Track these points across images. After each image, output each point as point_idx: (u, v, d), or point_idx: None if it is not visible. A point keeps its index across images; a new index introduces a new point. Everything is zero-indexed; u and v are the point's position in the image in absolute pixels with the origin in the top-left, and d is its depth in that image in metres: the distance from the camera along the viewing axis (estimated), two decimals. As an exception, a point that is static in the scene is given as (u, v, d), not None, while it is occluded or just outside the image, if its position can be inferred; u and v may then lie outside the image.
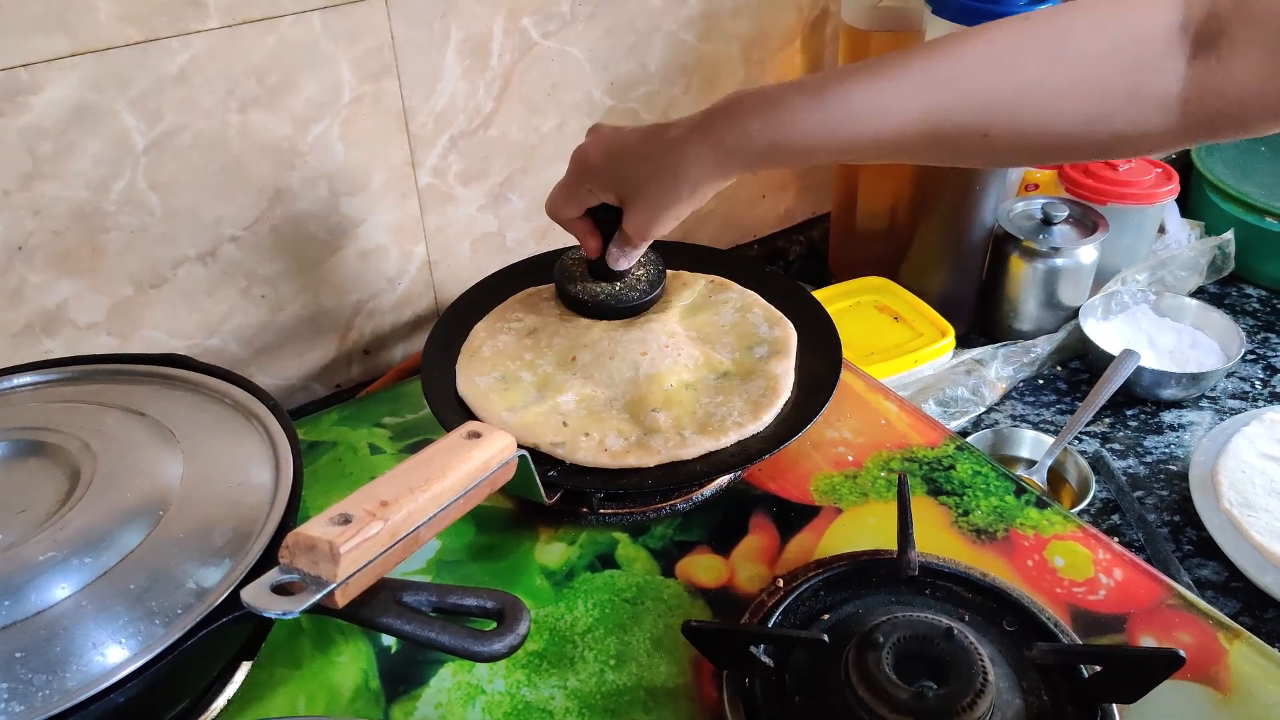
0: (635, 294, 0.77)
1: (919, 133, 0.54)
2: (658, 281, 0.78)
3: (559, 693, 0.59)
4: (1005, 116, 0.53)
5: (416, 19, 0.82)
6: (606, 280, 0.77)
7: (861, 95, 0.55)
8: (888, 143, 0.56)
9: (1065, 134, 0.53)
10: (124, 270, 0.78)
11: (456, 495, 0.50)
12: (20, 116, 0.69)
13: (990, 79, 0.53)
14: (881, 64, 0.56)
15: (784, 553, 0.67)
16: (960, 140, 0.54)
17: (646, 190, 0.65)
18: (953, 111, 0.53)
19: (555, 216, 0.72)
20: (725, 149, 0.60)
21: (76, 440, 0.57)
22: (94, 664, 0.47)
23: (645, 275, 0.78)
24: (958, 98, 0.53)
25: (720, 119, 0.60)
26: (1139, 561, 0.65)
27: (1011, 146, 0.54)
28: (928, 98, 0.54)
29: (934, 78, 0.54)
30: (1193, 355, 1.02)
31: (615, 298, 0.76)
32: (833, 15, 1.09)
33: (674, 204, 0.64)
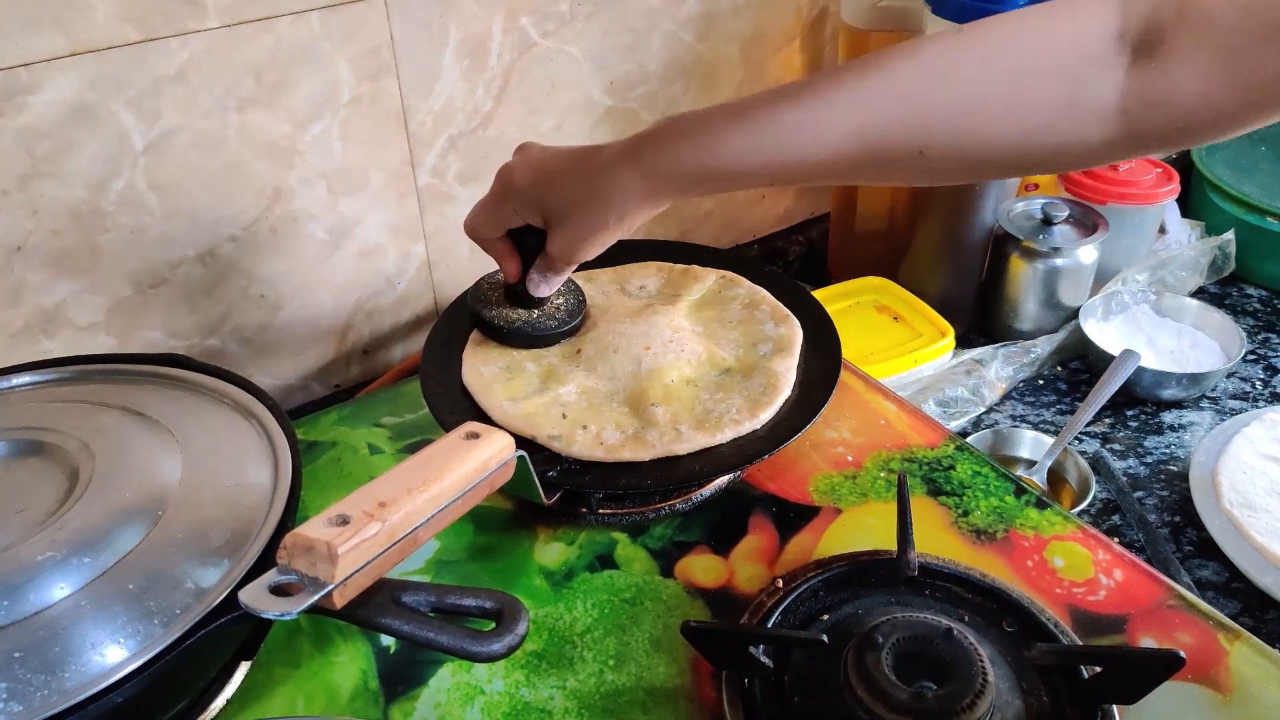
0: (554, 322, 0.76)
1: (853, 153, 0.53)
2: (577, 311, 0.77)
3: (558, 693, 0.59)
4: (941, 133, 0.51)
5: (415, 18, 0.82)
6: (524, 306, 0.75)
7: (791, 116, 0.54)
8: (821, 164, 0.54)
9: (1003, 148, 0.51)
10: (123, 270, 0.78)
11: (455, 496, 0.50)
12: (18, 116, 0.69)
13: (924, 95, 0.51)
14: (812, 83, 0.54)
15: (783, 553, 0.67)
16: (896, 159, 0.53)
17: (572, 214, 0.63)
18: (887, 130, 0.52)
19: (474, 236, 0.70)
20: (654, 175, 0.59)
21: (75, 440, 0.57)
22: (93, 664, 0.47)
23: (564, 304, 0.77)
24: (891, 116, 0.52)
25: (649, 145, 0.59)
26: (1139, 562, 0.65)
27: (949, 163, 0.53)
28: (859, 116, 0.52)
29: (866, 96, 0.52)
30: (1193, 355, 1.02)
31: (532, 325, 0.75)
32: (832, 15, 1.09)
33: (600, 230, 0.63)
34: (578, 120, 0.96)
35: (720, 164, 0.56)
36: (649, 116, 1.01)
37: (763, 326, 0.78)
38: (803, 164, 0.55)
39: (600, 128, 0.98)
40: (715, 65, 1.03)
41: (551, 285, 0.72)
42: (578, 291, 0.79)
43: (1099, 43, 0.49)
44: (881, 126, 0.52)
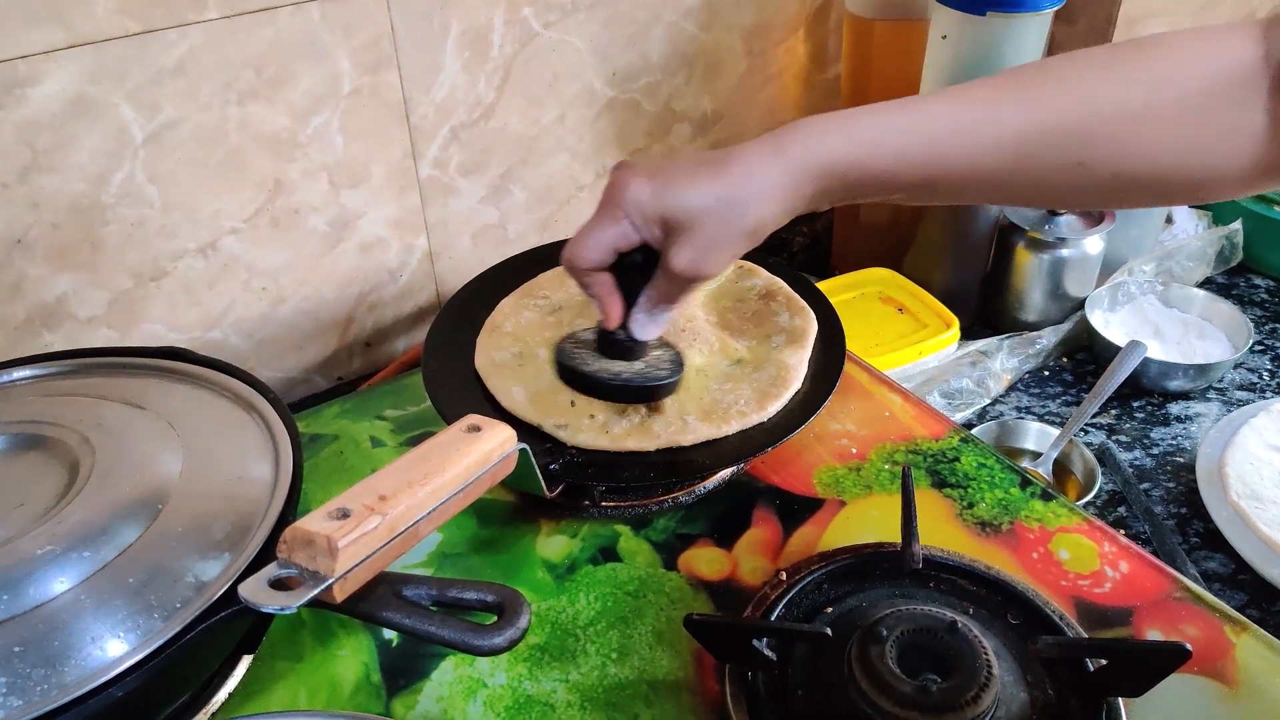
0: (664, 370, 0.66)
1: (1011, 162, 0.51)
2: (680, 360, 0.68)
3: (561, 686, 0.58)
4: (1104, 144, 0.50)
5: (416, 10, 0.81)
6: (621, 359, 0.65)
7: (951, 118, 0.52)
8: (976, 172, 0.52)
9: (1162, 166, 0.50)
10: (124, 263, 0.77)
11: (456, 489, 0.50)
12: (18, 109, 0.68)
13: (1088, 103, 0.50)
14: (973, 89, 0.53)
15: (787, 545, 0.67)
16: (1052, 170, 0.52)
17: (703, 220, 0.55)
18: (1047, 136, 0.51)
19: (574, 264, 0.60)
20: (801, 170, 0.54)
21: (76, 434, 0.57)
22: (93, 658, 0.47)
23: (666, 355, 0.68)
24: (1055, 123, 0.51)
25: (795, 138, 0.54)
26: (1145, 554, 0.65)
27: (1106, 177, 0.51)
28: (1022, 121, 0.51)
29: (1029, 102, 0.51)
30: (1200, 346, 1.01)
31: (644, 376, 0.65)
32: (836, 4, 1.08)
33: (736, 234, 0.56)
34: (580, 111, 0.96)
35: (873, 162, 0.53)
36: (651, 108, 1.00)
37: (777, 318, 0.77)
38: (958, 171, 0.53)
39: (603, 119, 0.98)
40: (718, 55, 1.02)
41: (659, 325, 0.62)
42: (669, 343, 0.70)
43: (1251, 66, 0.48)
44: (1044, 134, 0.51)
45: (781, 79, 1.09)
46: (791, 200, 0.55)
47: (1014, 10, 0.88)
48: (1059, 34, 1.17)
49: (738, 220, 0.55)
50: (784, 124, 0.56)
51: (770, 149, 0.55)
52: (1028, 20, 0.89)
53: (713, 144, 1.07)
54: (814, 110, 1.13)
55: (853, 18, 1.03)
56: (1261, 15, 0.50)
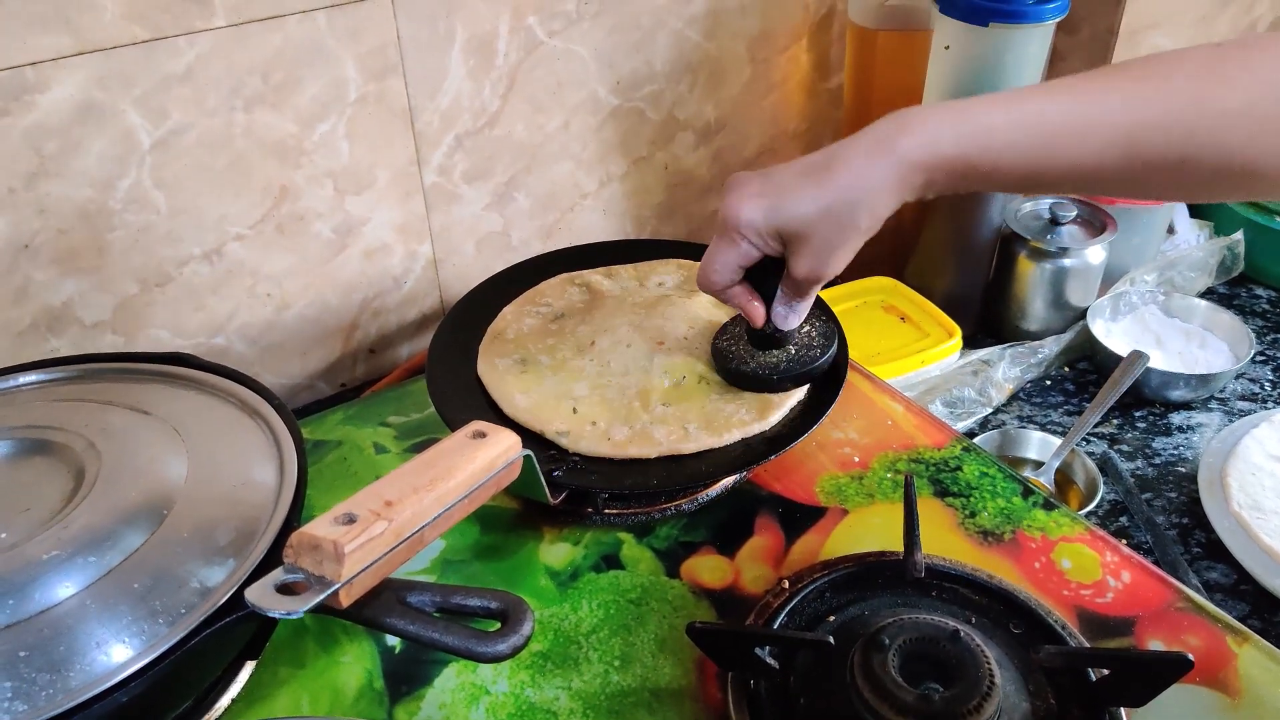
0: (816, 350, 0.71)
1: (1117, 158, 0.52)
2: (831, 333, 0.72)
3: (563, 694, 0.58)
4: (1208, 142, 0.51)
5: (422, 17, 0.82)
6: (772, 347, 0.71)
7: (1060, 113, 0.53)
8: (1081, 167, 0.53)
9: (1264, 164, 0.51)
10: (129, 269, 0.78)
11: (461, 495, 0.50)
12: (26, 115, 0.69)
13: (1194, 101, 0.51)
14: (1078, 84, 0.54)
15: (789, 554, 0.67)
16: (1157, 168, 0.52)
17: (818, 227, 0.58)
18: (1153, 134, 0.51)
19: (710, 287, 0.65)
20: (908, 164, 0.55)
21: (81, 439, 0.57)
22: (98, 663, 0.47)
23: (815, 329, 0.72)
24: (1160, 120, 0.51)
25: (899, 134, 0.55)
26: (1147, 564, 0.65)
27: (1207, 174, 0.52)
28: (1130, 119, 0.51)
29: (1134, 98, 0.51)
30: (1202, 356, 1.01)
31: (799, 361, 0.70)
32: (839, 13, 1.09)
33: (851, 235, 0.58)
34: (584, 119, 0.96)
35: (983, 157, 0.54)
36: (655, 116, 1.01)
37: None
38: (1063, 165, 0.53)
39: (607, 127, 0.98)
40: (722, 63, 1.03)
41: (799, 314, 0.67)
42: (818, 312, 0.74)
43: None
44: (1151, 130, 0.51)
45: (785, 87, 1.09)
46: (900, 193, 0.56)
47: (1016, 21, 0.88)
48: (1061, 44, 1.18)
49: (850, 223, 0.57)
50: (788, 133, 0.56)
51: (878, 147, 0.56)
52: (1030, 31, 0.89)
53: (716, 152, 1.08)
54: (817, 119, 1.13)
55: (856, 27, 1.04)
56: (1262, 28, 0.51)
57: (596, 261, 0.86)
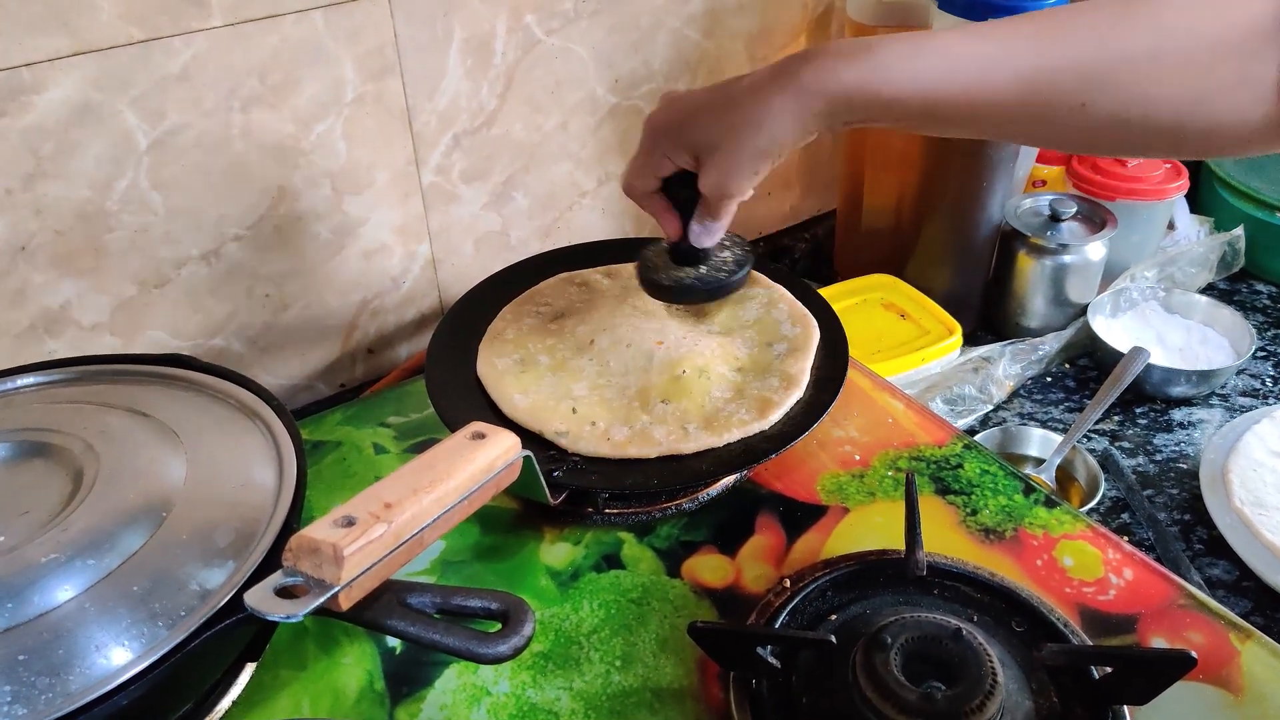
0: (723, 274, 0.72)
1: (1016, 95, 0.52)
2: (745, 261, 0.73)
3: (564, 694, 0.58)
4: (1107, 87, 0.51)
5: (419, 17, 0.82)
6: (690, 264, 0.72)
7: (963, 49, 0.53)
8: (982, 103, 0.53)
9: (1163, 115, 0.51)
10: (127, 270, 0.77)
11: (461, 497, 0.50)
12: (23, 116, 0.68)
13: (1098, 46, 0.51)
14: (982, 26, 0.54)
15: (791, 553, 0.67)
16: (1056, 109, 0.53)
17: (722, 144, 0.60)
18: (1055, 75, 0.52)
19: (630, 192, 0.68)
20: (809, 93, 0.56)
21: (80, 441, 0.57)
22: (97, 666, 0.46)
23: (731, 256, 0.73)
24: (1062, 62, 0.52)
25: (802, 64, 0.56)
26: (1149, 561, 0.65)
27: (1106, 121, 0.52)
28: (1031, 58, 0.52)
29: (1039, 40, 0.52)
30: (1202, 352, 1.01)
31: (702, 280, 0.71)
32: (837, 10, 1.08)
33: (751, 157, 0.60)
34: (582, 118, 0.96)
35: (882, 86, 0.54)
36: (654, 114, 1.00)
37: (779, 326, 0.77)
38: (964, 99, 0.54)
39: (605, 126, 0.98)
40: (720, 62, 1.03)
41: (713, 233, 0.68)
42: (743, 243, 0.75)
43: (1268, 22, 0.49)
44: (1050, 71, 0.52)
45: (783, 85, 1.09)
46: (802, 120, 0.57)
47: (1016, 17, 0.88)
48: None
49: (750, 142, 0.59)
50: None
51: (781, 74, 0.57)
52: (1030, 27, 0.89)
53: (715, 150, 1.07)
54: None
55: (854, 24, 1.03)
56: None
57: (595, 261, 0.86)
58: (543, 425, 0.69)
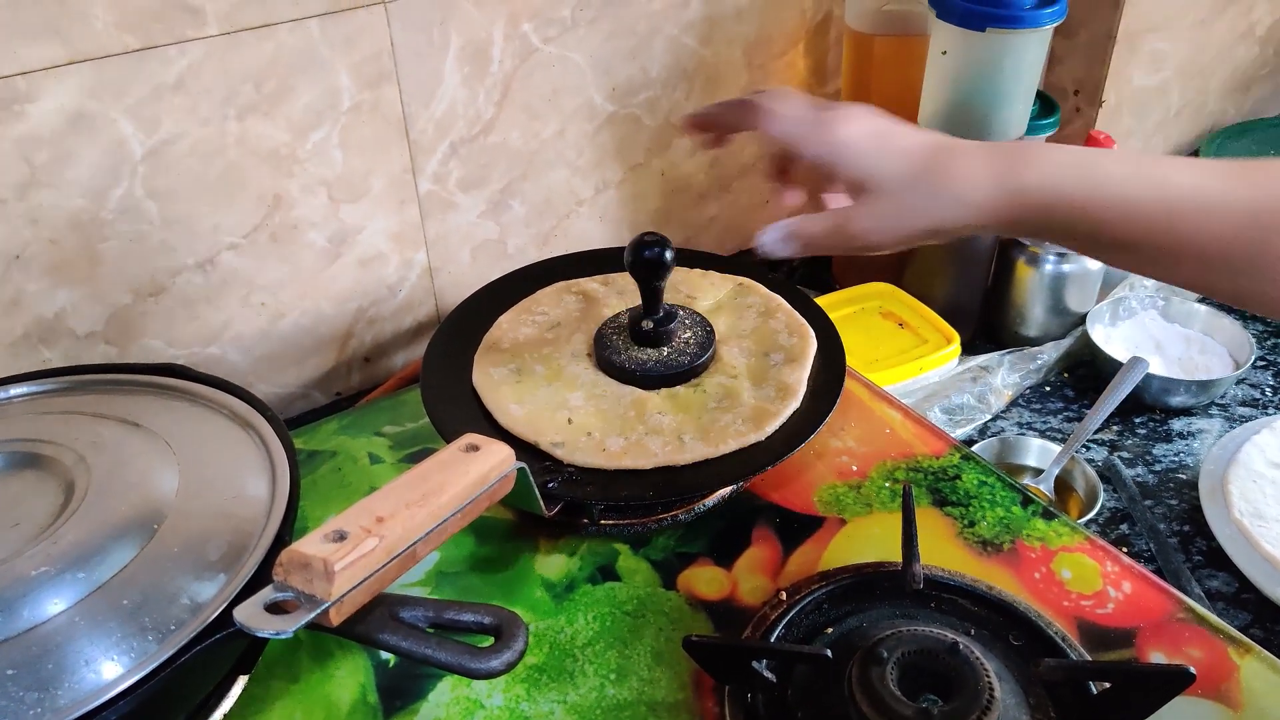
0: (685, 358, 0.73)
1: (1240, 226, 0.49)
2: (706, 344, 0.74)
3: (559, 707, 0.58)
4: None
5: (416, 25, 0.81)
6: (651, 346, 0.73)
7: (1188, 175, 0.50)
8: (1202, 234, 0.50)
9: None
10: (122, 279, 0.77)
11: (454, 510, 0.49)
12: (16, 125, 0.68)
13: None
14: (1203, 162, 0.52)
15: (787, 565, 0.66)
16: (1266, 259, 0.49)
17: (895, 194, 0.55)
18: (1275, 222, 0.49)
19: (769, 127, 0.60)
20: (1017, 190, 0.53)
21: (71, 452, 0.56)
22: (87, 681, 0.46)
23: (693, 337, 0.74)
24: None
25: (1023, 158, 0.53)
26: (1148, 574, 0.64)
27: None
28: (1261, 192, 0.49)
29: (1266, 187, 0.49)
30: (1202, 362, 1.01)
31: (663, 363, 0.72)
32: (836, 19, 1.08)
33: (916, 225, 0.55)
34: (580, 126, 0.96)
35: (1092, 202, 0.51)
36: (651, 122, 1.00)
37: (776, 336, 0.77)
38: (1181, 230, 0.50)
39: (603, 133, 0.98)
40: (718, 69, 1.02)
41: (785, 250, 0.62)
42: (704, 323, 0.75)
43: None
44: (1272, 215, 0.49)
45: (782, 93, 1.09)
46: (986, 215, 0.54)
47: (1014, 26, 0.88)
48: (1059, 48, 1.18)
49: (925, 211, 0.55)
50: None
51: (998, 158, 0.54)
52: (1028, 35, 0.89)
53: (713, 158, 1.07)
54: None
55: (852, 33, 1.03)
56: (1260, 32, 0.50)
57: (593, 269, 0.86)
58: (538, 435, 0.69)
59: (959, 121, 0.94)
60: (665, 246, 0.70)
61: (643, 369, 0.72)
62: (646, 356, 0.73)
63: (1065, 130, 1.19)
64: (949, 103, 0.95)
